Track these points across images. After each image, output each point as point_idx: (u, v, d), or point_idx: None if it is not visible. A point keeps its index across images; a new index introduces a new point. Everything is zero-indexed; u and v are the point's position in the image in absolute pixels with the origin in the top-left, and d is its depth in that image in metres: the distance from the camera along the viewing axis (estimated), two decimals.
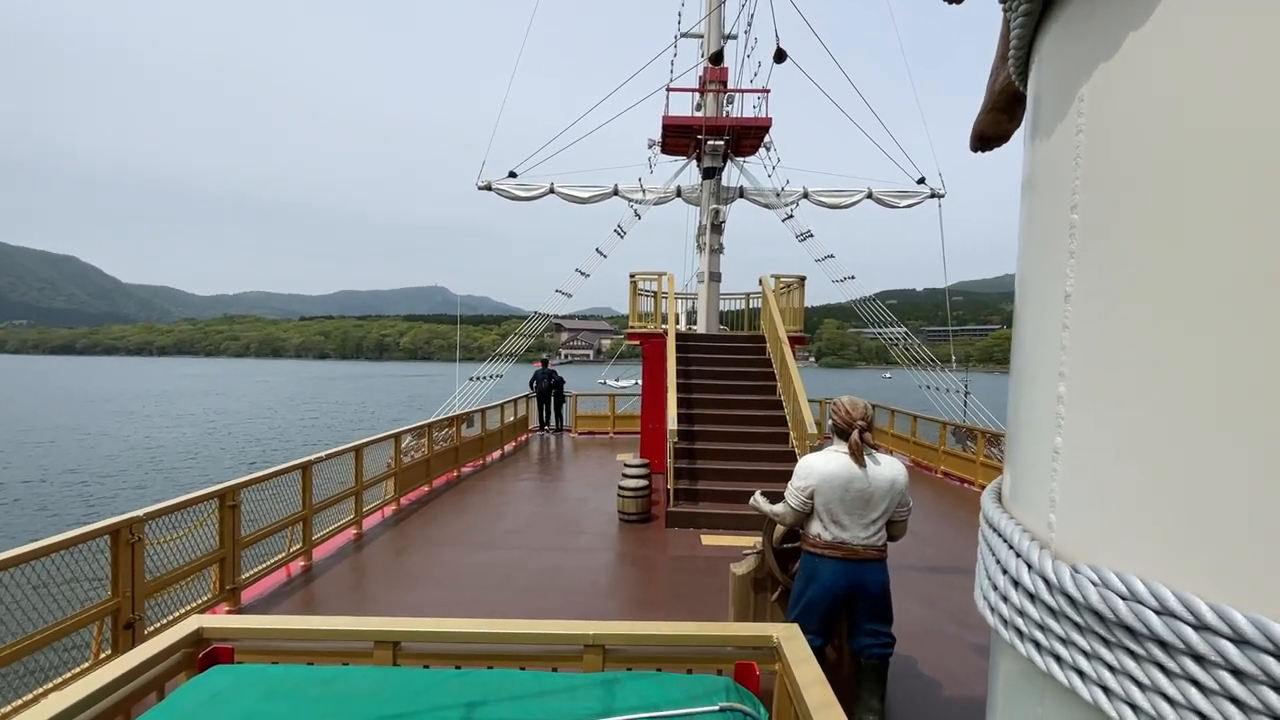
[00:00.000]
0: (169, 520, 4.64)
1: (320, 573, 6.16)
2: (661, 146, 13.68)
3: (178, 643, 2.26)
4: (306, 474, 6.31)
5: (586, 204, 14.21)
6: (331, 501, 6.85)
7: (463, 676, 2.06)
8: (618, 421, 15.68)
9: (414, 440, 9.28)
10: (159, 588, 4.47)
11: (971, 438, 10.70)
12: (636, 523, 7.90)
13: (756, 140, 13.21)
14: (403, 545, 7.06)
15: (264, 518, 5.78)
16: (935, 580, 6.13)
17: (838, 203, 14.43)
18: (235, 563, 5.30)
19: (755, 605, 4.06)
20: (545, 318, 15.18)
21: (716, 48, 12.52)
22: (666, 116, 12.79)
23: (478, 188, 14.14)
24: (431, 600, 5.48)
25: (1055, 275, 0.77)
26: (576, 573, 6.22)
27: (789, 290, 11.87)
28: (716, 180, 13.07)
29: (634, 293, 11.77)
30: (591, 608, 5.35)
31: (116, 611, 4.05)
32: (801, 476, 3.42)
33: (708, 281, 12.94)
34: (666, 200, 14.00)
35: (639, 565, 6.56)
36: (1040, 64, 0.85)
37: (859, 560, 3.33)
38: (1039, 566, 0.72)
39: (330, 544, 6.86)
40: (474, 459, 11.46)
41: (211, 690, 1.95)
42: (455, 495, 9.34)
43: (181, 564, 4.73)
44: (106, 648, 4.03)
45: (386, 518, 8.05)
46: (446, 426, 10.42)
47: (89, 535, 3.89)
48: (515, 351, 14.76)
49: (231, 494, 5.23)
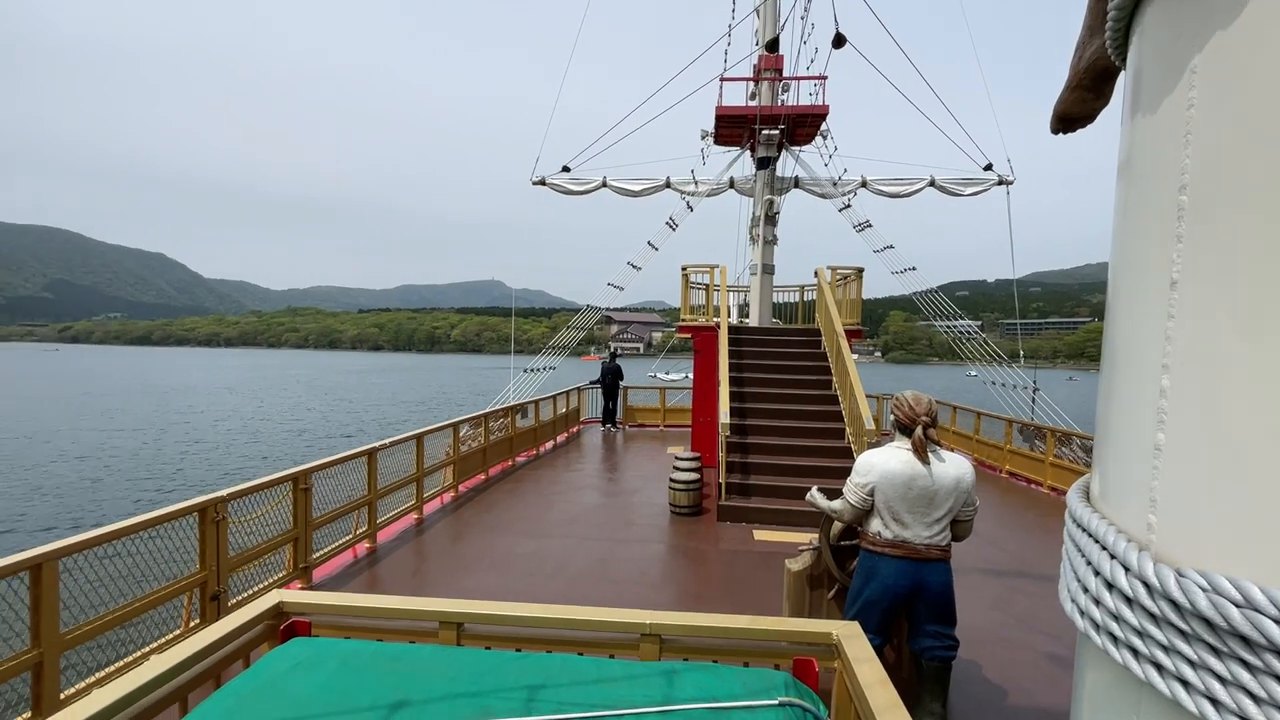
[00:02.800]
0: (247, 501, 4.94)
1: (384, 555, 6.44)
2: (714, 137, 13.53)
3: (261, 614, 2.41)
4: (372, 460, 6.59)
5: (638, 197, 14.23)
6: (395, 487, 7.14)
7: (523, 659, 2.12)
8: (668, 415, 15.70)
9: (471, 430, 9.56)
10: (241, 563, 4.78)
11: (1041, 436, 10.19)
12: (688, 516, 7.90)
13: (813, 128, 12.89)
14: (460, 531, 7.29)
15: (333, 501, 6.09)
16: (1001, 583, 5.89)
17: (898, 191, 13.94)
18: (307, 543, 5.60)
19: (811, 602, 4.00)
20: (596, 311, 15.32)
21: (772, 35, 12.27)
22: (720, 107, 12.64)
23: (532, 183, 14.36)
24: (488, 585, 5.64)
25: (1159, 261, 0.72)
26: (628, 563, 6.28)
27: (846, 282, 11.57)
28: (771, 170, 12.85)
29: (685, 285, 11.73)
30: (643, 598, 5.40)
31: (204, 584, 4.36)
32: (861, 473, 3.35)
33: (761, 274, 12.75)
34: (719, 192, 13.86)
35: (691, 558, 6.57)
36: (1143, 35, 0.80)
37: (921, 559, 3.24)
38: (1138, 569, 0.68)
39: (393, 528, 7.16)
40: (528, 449, 11.70)
41: (292, 660, 2.07)
42: (510, 484, 9.57)
43: (259, 542, 5.03)
44: (195, 617, 4.34)
45: (445, 504, 8.33)
46: (502, 417, 10.68)
47: (181, 512, 4.19)
48: (567, 344, 14.97)
49: (304, 477, 5.53)
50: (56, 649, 3.30)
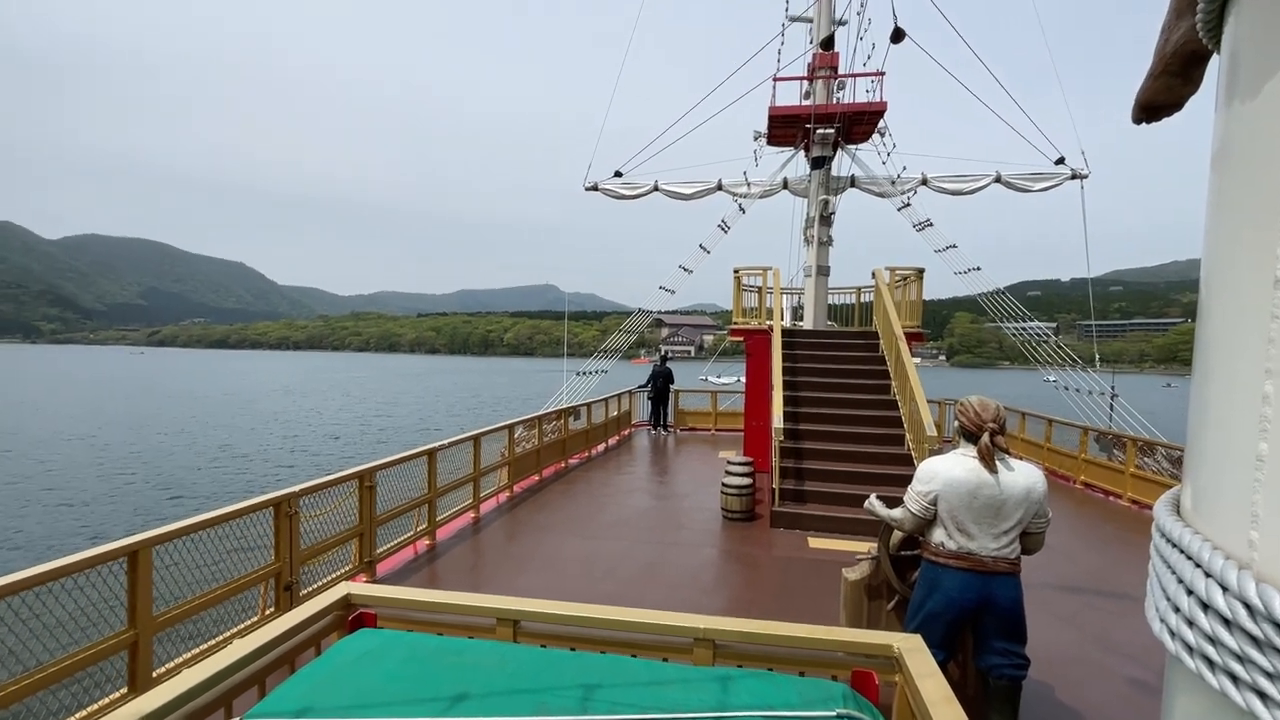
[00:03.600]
0: (317, 497, 5.18)
1: (443, 552, 6.64)
2: (767, 138, 13.36)
3: (331, 605, 2.54)
4: (432, 460, 6.81)
5: (690, 200, 14.20)
6: (453, 486, 7.36)
7: (579, 659, 2.15)
8: (720, 418, 15.57)
9: (525, 431, 9.75)
10: (311, 556, 5.02)
11: (1119, 445, 9.57)
12: (740, 521, 7.82)
13: (870, 126, 12.56)
14: (515, 530, 7.44)
15: (395, 499, 6.32)
16: (1076, 600, 5.56)
17: (960, 188, 13.40)
18: (372, 538, 5.83)
19: (869, 613, 3.89)
20: (648, 314, 15.37)
21: (827, 33, 12.03)
22: (773, 107, 12.48)
23: (585, 188, 14.56)
24: (541, 584, 5.74)
25: (1261, 258, 0.67)
26: (679, 567, 6.26)
27: (905, 283, 11.20)
28: (826, 170, 12.59)
29: (738, 288, 11.62)
30: (695, 602, 5.37)
31: (278, 574, 4.61)
32: (923, 481, 3.23)
33: (815, 275, 12.50)
34: (772, 193, 13.68)
35: (743, 563, 6.49)
36: (1239, 16, 0.75)
37: (988, 572, 3.09)
38: (1238, 589, 0.64)
39: (452, 525, 7.38)
40: (580, 451, 11.84)
41: (360, 650, 2.16)
42: (563, 485, 9.70)
43: (328, 536, 5.28)
44: (270, 605, 4.59)
45: (501, 504, 8.52)
46: (555, 419, 10.85)
47: (258, 506, 4.44)
48: (619, 348, 15.07)
49: (369, 475, 5.76)
50: (150, 630, 3.56)
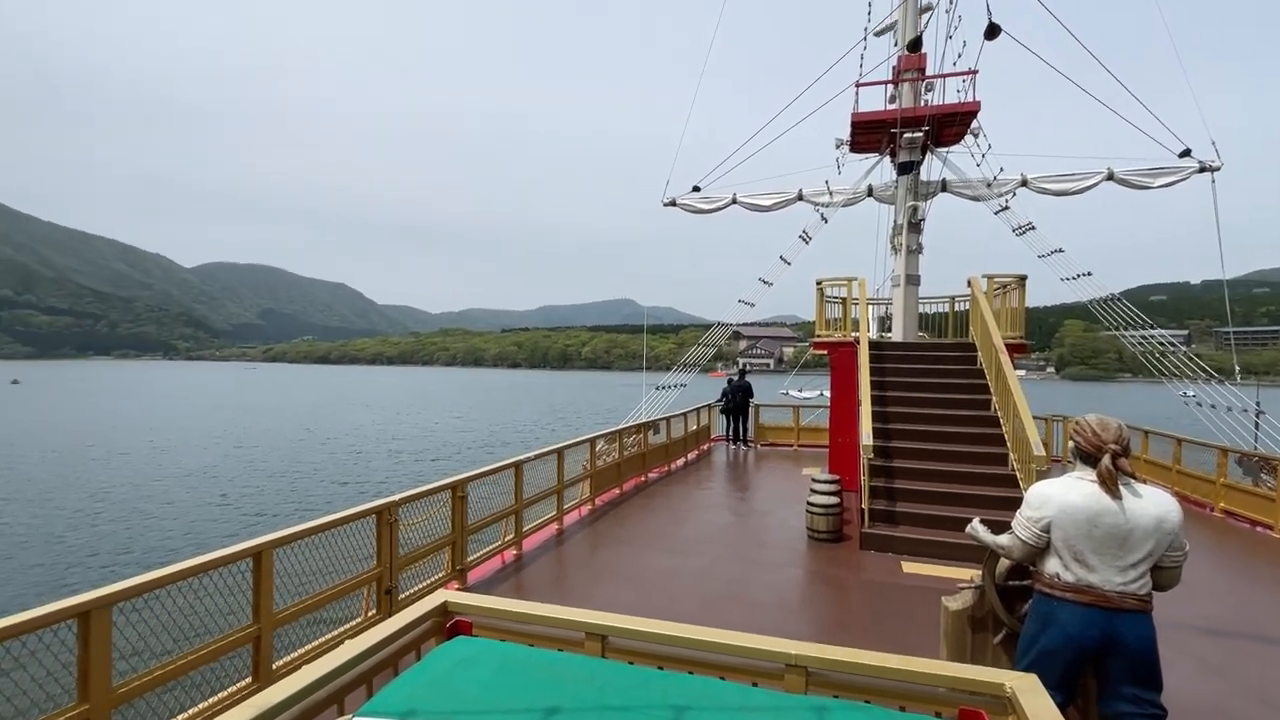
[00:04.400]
0: (414, 506, 5.46)
1: (528, 562, 6.81)
2: (850, 145, 12.99)
3: (429, 612, 2.65)
4: (518, 472, 7.03)
5: (769, 211, 14.00)
6: (538, 498, 7.55)
7: (668, 678, 2.13)
8: (802, 434, 15.14)
9: (606, 445, 9.87)
10: (409, 562, 5.29)
11: (1269, 469, 8.48)
12: (827, 541, 7.53)
13: (962, 127, 11.94)
14: (597, 543, 7.52)
15: (484, 509, 6.56)
16: (1221, 644, 4.94)
17: (1066, 188, 12.45)
18: (463, 547, 6.07)
19: (973, 646, 3.62)
20: (726, 328, 15.22)
21: (914, 34, 11.59)
22: (856, 113, 12.13)
23: (663, 204, 14.69)
24: (624, 598, 5.75)
25: None
26: (764, 587, 6.11)
27: (1005, 291, 10.50)
28: (914, 175, 12.06)
29: (820, 300, 11.30)
30: (780, 625, 5.21)
31: (380, 579, 4.89)
32: (1034, 506, 2.99)
33: (904, 285, 11.95)
34: (856, 201, 13.25)
35: (831, 586, 6.24)
36: None
37: (1112, 609, 2.81)
38: None
39: (536, 537, 7.56)
40: (660, 465, 11.84)
41: (457, 657, 2.25)
42: (643, 499, 9.73)
43: (424, 543, 5.55)
44: (372, 608, 4.87)
45: (583, 516, 8.65)
46: (635, 433, 10.92)
47: (362, 514, 4.74)
48: (697, 362, 15.01)
49: (460, 486, 6.01)
50: (270, 626, 3.87)
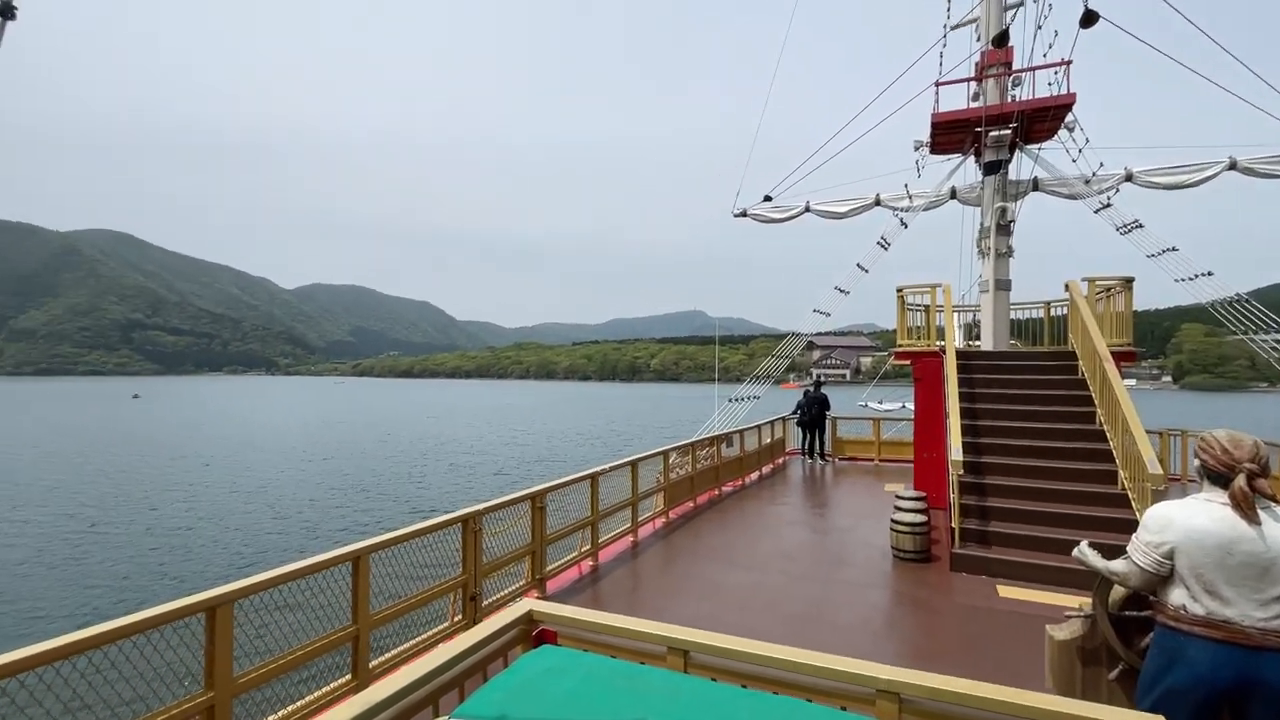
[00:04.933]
0: (496, 516, 5.64)
1: (605, 574, 6.87)
2: (931, 147, 12.48)
3: (515, 620, 2.73)
4: (594, 483, 7.13)
5: (845, 218, 13.64)
6: (613, 510, 7.62)
7: (754, 698, 2.10)
8: (883, 448, 14.53)
9: (679, 458, 9.85)
10: (491, 570, 5.47)
11: None
12: (913, 561, 7.18)
13: (1055, 122, 11.22)
14: (672, 556, 7.50)
15: (561, 520, 6.69)
16: None
17: (1179, 181, 11.43)
18: (542, 556, 6.21)
19: (1083, 681, 3.34)
20: (800, 338, 14.89)
21: (999, 29, 11.03)
22: (936, 113, 11.65)
23: (734, 215, 14.61)
24: (701, 613, 5.70)
25: None
26: (846, 607, 5.89)
27: (1108, 295, 9.72)
28: (1002, 175, 11.43)
29: (902, 308, 10.84)
30: (865, 647, 5.00)
31: (465, 585, 5.07)
32: (1154, 530, 2.74)
33: (993, 290, 11.30)
34: (938, 204, 12.69)
35: (920, 609, 5.93)
36: None
37: (1252, 647, 2.52)
38: None
39: (612, 548, 7.63)
40: (734, 479, 11.68)
41: (544, 666, 2.30)
42: (717, 514, 9.62)
43: (506, 552, 5.72)
44: (458, 613, 5.06)
45: (658, 529, 8.65)
46: (707, 446, 10.84)
47: (449, 522, 4.95)
48: (770, 373, 14.74)
49: (540, 496, 6.17)
50: (367, 627, 4.09)
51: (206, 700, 3.13)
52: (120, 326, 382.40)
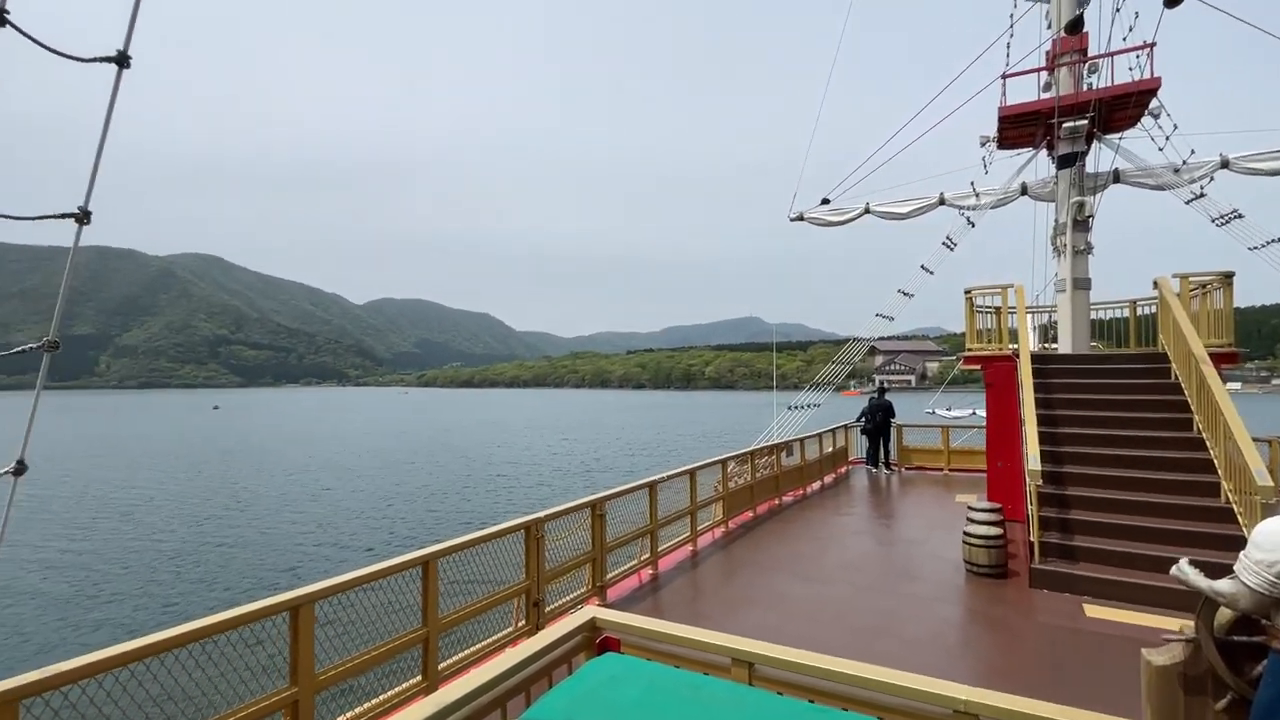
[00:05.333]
0: (557, 523, 5.72)
1: (665, 583, 6.85)
2: (998, 141, 11.93)
3: (579, 627, 2.76)
4: (653, 491, 7.13)
5: (907, 219, 13.19)
6: (672, 518, 7.59)
7: (821, 714, 2.04)
8: (953, 457, 13.90)
9: (738, 466, 9.73)
10: (554, 576, 5.54)
11: None
12: (988, 577, 6.82)
13: (1138, 109, 10.52)
14: (733, 567, 7.39)
15: (620, 528, 6.71)
16: None
17: None
18: (603, 564, 6.25)
19: (1186, 711, 3.08)
20: (862, 343, 14.46)
21: (1071, 14, 10.46)
22: (1004, 106, 11.14)
23: (790, 219, 14.37)
24: (763, 625, 5.59)
25: None
26: (916, 622, 5.64)
27: (1204, 292, 9.00)
28: (1079, 167, 10.80)
29: (970, 310, 10.36)
30: (938, 665, 4.78)
31: (528, 591, 5.16)
32: (1266, 548, 2.51)
33: (1071, 290, 10.66)
34: (1008, 201, 12.10)
35: (996, 628, 5.62)
36: None
37: None
38: None
39: (671, 557, 7.59)
40: (794, 488, 11.43)
41: (607, 673, 2.31)
42: (778, 524, 9.43)
43: (568, 559, 5.78)
44: (522, 618, 5.15)
45: (717, 539, 8.56)
46: (767, 454, 10.66)
47: (511, 529, 5.05)
48: (830, 380, 14.38)
49: (599, 505, 6.22)
50: (436, 630, 4.23)
51: (291, 695, 3.31)
52: (208, 342, 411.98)
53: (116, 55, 1.91)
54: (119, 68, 1.91)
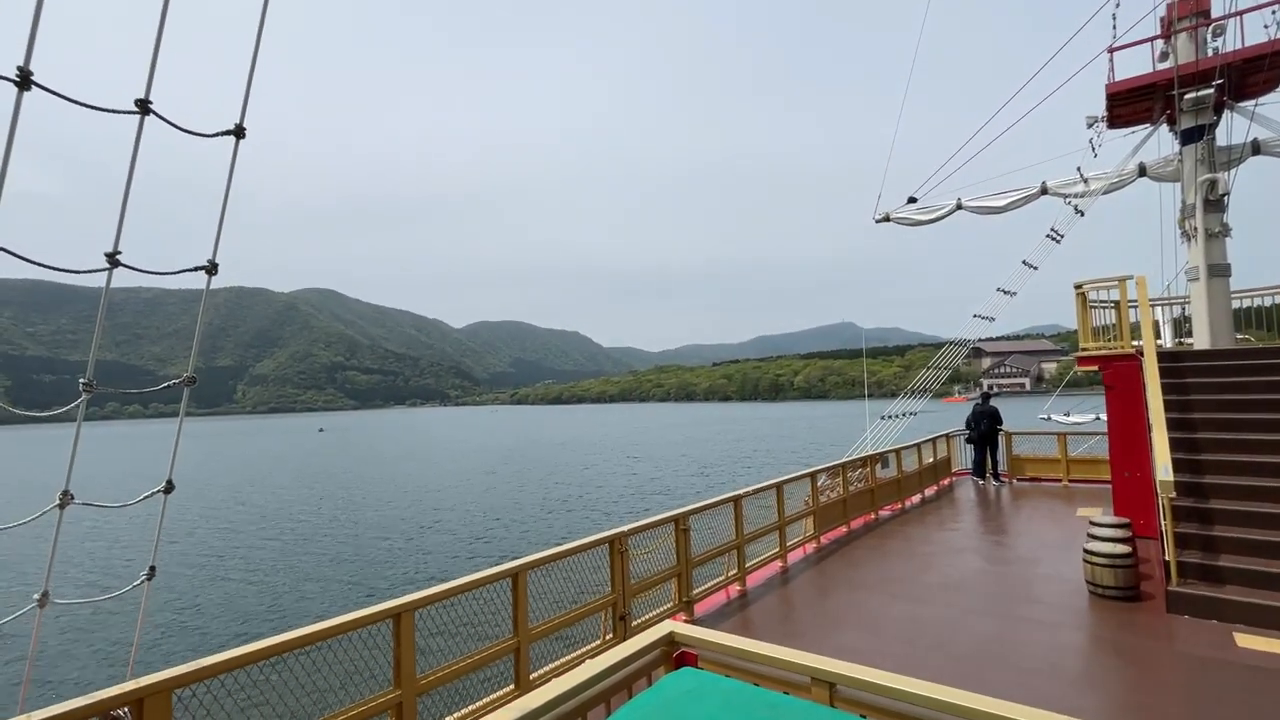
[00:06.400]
0: (641, 537, 5.77)
1: (753, 599, 6.72)
2: (1108, 121, 10.95)
3: (656, 641, 2.79)
4: (738, 506, 7.04)
5: (1005, 212, 12.34)
6: (760, 534, 7.45)
7: None
8: (1073, 467, 12.71)
9: (829, 480, 9.40)
10: (639, 590, 5.60)
11: None
12: (1116, 599, 6.17)
13: (1276, 71, 9.33)
14: (825, 584, 7.14)
15: (706, 543, 6.67)
16: None
17: None
18: (688, 579, 6.24)
19: None
20: (961, 346, 13.59)
21: None
22: (1112, 83, 10.23)
23: (875, 220, 13.85)
24: (858, 646, 5.35)
25: None
26: (1031, 649, 5.20)
27: None
28: (1208, 141, 9.70)
29: (1083, 306, 9.49)
30: (1057, 697, 4.37)
31: (615, 604, 5.25)
32: None
33: (1205, 278, 9.54)
34: (1122, 184, 11.05)
35: (1126, 657, 5.07)
36: None
37: None
38: None
39: (760, 574, 7.44)
40: (891, 502, 10.89)
41: (684, 688, 2.33)
42: (874, 540, 9.01)
43: (652, 573, 5.83)
44: (609, 631, 5.24)
45: (808, 554, 8.30)
46: (860, 467, 10.23)
47: (596, 543, 5.17)
48: (928, 386, 13.60)
49: (683, 519, 6.22)
50: (527, 640, 4.39)
51: (395, 697, 3.55)
52: (326, 369, 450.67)
53: (234, 129, 2.22)
54: (236, 139, 2.22)
